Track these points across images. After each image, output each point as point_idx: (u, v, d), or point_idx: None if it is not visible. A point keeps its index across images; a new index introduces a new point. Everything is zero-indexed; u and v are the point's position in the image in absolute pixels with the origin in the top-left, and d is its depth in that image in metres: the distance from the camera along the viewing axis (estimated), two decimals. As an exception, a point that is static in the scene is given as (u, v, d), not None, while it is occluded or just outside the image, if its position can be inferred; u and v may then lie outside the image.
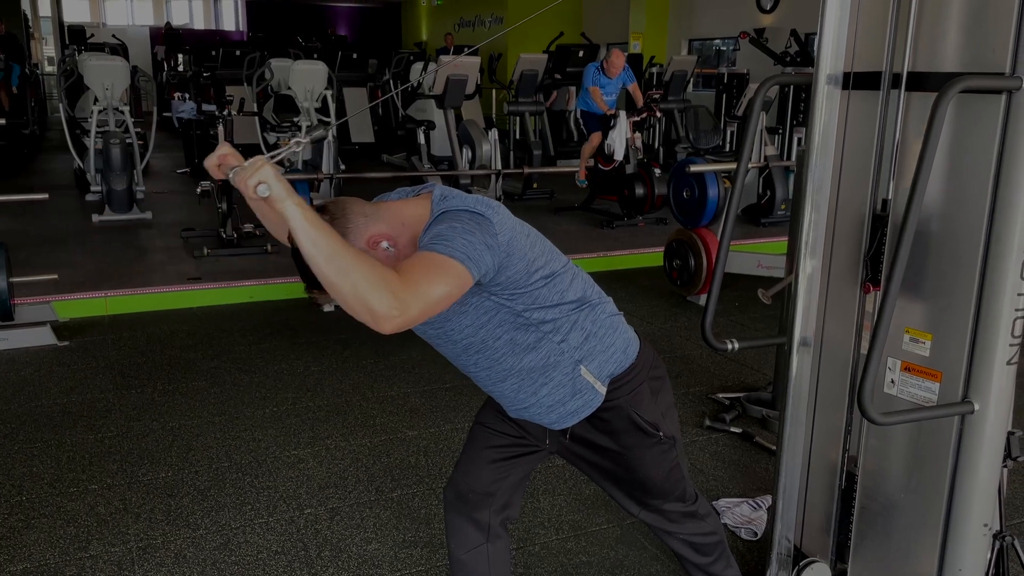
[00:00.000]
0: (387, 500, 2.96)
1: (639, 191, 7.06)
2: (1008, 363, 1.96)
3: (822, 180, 2.13)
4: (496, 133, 5.62)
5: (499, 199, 5.67)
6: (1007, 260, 1.89)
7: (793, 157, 7.90)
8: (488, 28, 18.94)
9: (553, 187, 8.70)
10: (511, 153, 8.76)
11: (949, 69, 1.96)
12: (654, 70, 11.45)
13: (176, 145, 11.67)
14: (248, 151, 7.33)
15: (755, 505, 2.91)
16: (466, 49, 14.79)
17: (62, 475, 3.12)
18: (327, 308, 1.73)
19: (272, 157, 1.57)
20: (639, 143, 7.21)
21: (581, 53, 10.93)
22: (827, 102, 2.08)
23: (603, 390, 1.81)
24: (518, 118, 8.87)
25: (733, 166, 5.28)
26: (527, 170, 6.63)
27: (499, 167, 5.34)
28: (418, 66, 10.98)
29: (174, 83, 14.85)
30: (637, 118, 7.23)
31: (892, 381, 2.19)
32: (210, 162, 1.63)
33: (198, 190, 6.28)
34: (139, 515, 2.85)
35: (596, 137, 7.41)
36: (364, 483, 3.08)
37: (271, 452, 3.32)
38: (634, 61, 12.16)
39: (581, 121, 7.85)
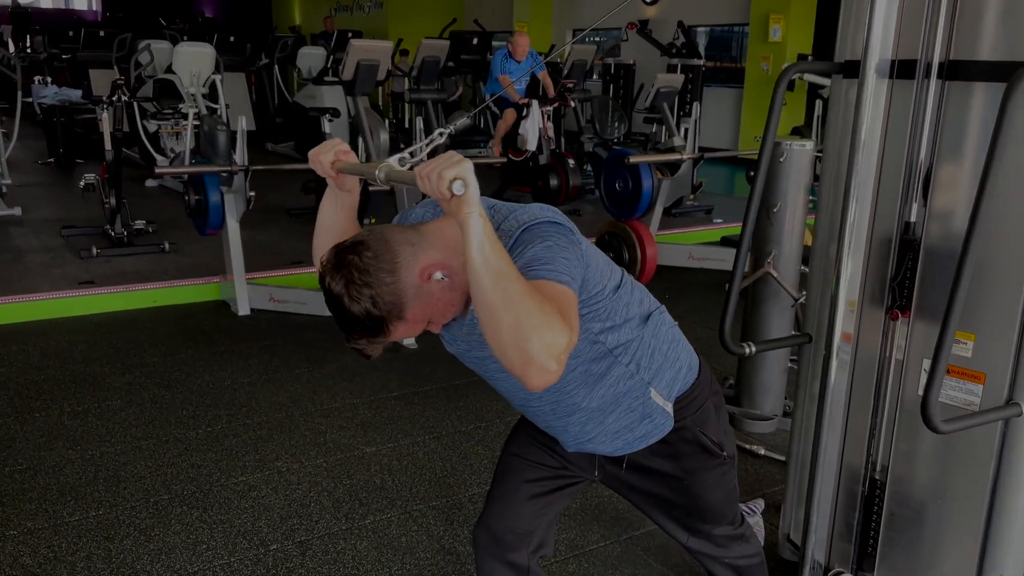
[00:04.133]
0: (360, 528, 2.68)
1: (553, 182, 6.92)
2: (1058, 363, 1.91)
3: (866, 178, 2.00)
4: (421, 123, 5.33)
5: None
6: (1060, 256, 1.83)
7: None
8: (367, 13, 18.39)
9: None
10: (414, 143, 8.44)
11: (990, 57, 1.88)
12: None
13: (35, 133, 10.65)
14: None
15: (749, 510, 2.81)
16: (431, 35, 14.23)
17: (-31, 521, 2.66)
18: (374, 356, 1.49)
19: (412, 154, 1.44)
20: (551, 133, 7.07)
21: (475, 40, 10.69)
22: (874, 93, 1.95)
23: (671, 411, 1.63)
24: (415, 105, 8.55)
25: (669, 157, 5.22)
26: (454, 131, 6.34)
27: (426, 159, 5.05)
28: (309, 50, 10.44)
29: (24, 65, 13.61)
30: (550, 108, 7.08)
31: (929, 383, 2.10)
32: (324, 158, 1.47)
33: (81, 183, 5.68)
34: (74, 565, 2.45)
35: (510, 114, 7.17)
36: (330, 510, 2.78)
37: (215, 479, 2.96)
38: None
39: (493, 106, 7.60)
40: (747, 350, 2.35)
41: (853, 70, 2.15)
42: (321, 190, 5.81)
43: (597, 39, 15.40)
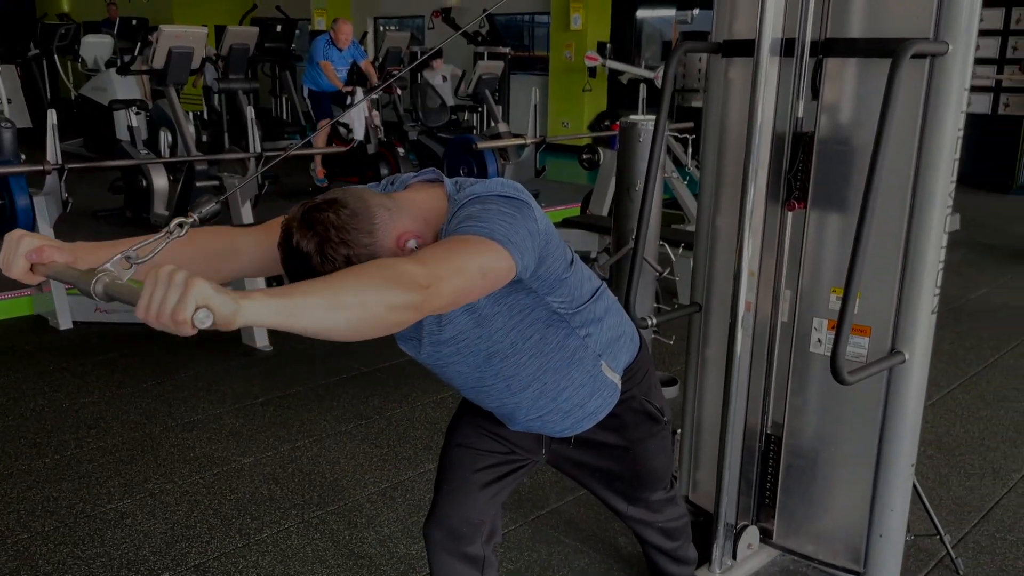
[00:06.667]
0: (258, 543, 2.52)
1: (384, 171, 6.80)
2: (932, 312, 2.11)
3: (761, 153, 2.10)
4: (253, 112, 5.01)
5: (262, 186, 5.11)
6: (932, 213, 2.02)
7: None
8: (148, 0, 17.12)
9: (277, 170, 8.08)
10: (226, 135, 8.00)
11: (865, 35, 2.04)
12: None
13: None
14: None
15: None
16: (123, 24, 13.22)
17: None
18: None
19: (139, 248, 1.11)
20: (378, 121, 6.92)
21: (279, 28, 10.27)
22: (768, 69, 2.05)
23: (619, 384, 1.66)
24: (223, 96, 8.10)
25: (515, 142, 5.27)
26: (292, 151, 6.04)
27: (258, 148, 4.78)
28: (95, 38, 9.61)
29: None
30: (375, 96, 6.93)
31: (819, 340, 2.26)
32: (15, 269, 1.19)
33: None
34: (-70, 627, 2.13)
35: (326, 125, 6.96)
36: (220, 529, 2.59)
37: (79, 510, 2.67)
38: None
39: (309, 103, 7.33)
40: (649, 322, 2.42)
41: (731, 49, 2.27)
42: (132, 189, 5.37)
43: (394, 27, 15.27)
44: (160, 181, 6.08)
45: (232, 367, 3.84)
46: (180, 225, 1.16)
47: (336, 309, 1.02)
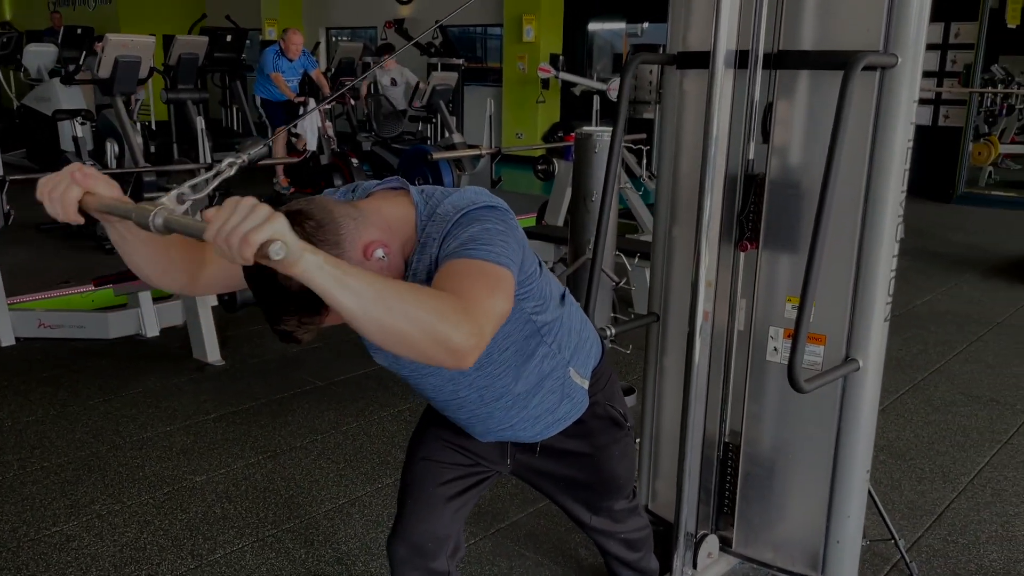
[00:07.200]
0: (211, 564, 2.45)
1: (338, 182, 6.73)
2: (885, 320, 2.15)
3: (717, 162, 2.12)
4: (203, 122, 4.92)
5: (212, 197, 5.03)
6: (883, 223, 2.05)
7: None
8: (93, 9, 16.81)
9: (228, 180, 7.96)
10: (175, 147, 7.85)
11: (817, 47, 2.07)
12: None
13: None
14: None
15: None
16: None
17: None
18: (305, 340, 1.33)
19: (195, 186, 1.17)
20: (332, 132, 6.86)
21: (229, 37, 10.13)
22: (723, 81, 2.07)
23: (587, 388, 1.66)
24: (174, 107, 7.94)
25: (470, 152, 5.25)
26: (246, 161, 5.94)
27: (209, 159, 4.69)
28: (38, 47, 9.38)
29: None
30: (327, 106, 6.87)
31: (775, 349, 2.29)
32: (67, 196, 1.13)
33: None
34: None
35: (281, 131, 6.87)
36: (171, 550, 2.52)
37: (23, 534, 2.57)
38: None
39: (263, 112, 7.23)
40: (608, 332, 2.42)
41: (685, 61, 2.29)
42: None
43: (347, 37, 15.19)
44: (106, 193, 5.94)
45: (183, 382, 3.76)
46: (231, 165, 1.20)
47: (382, 307, 1.04)
